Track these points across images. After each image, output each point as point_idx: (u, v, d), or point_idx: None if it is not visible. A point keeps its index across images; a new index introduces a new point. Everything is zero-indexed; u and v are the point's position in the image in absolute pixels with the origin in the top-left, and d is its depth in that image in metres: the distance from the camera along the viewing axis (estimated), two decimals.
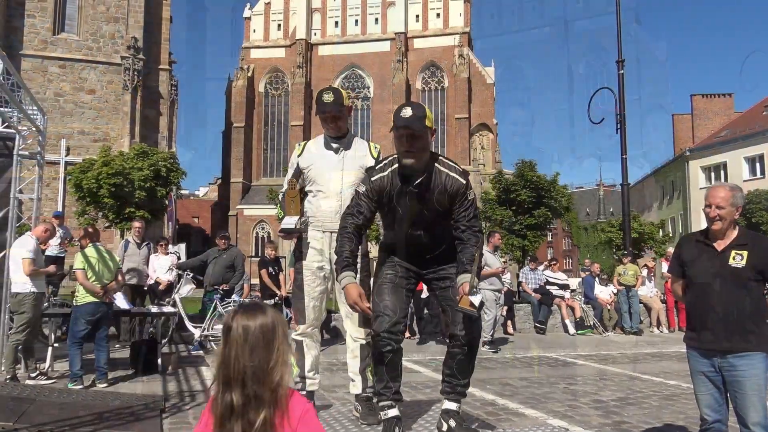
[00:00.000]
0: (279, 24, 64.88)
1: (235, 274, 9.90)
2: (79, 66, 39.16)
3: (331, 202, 3.90)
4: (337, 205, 3.89)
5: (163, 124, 41.61)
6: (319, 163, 3.98)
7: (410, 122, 3.27)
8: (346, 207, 3.68)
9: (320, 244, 3.96)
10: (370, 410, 3.79)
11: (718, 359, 3.40)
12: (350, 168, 3.94)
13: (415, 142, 3.30)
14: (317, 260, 3.97)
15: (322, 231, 3.97)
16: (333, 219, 3.89)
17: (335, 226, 3.85)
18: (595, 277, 14.35)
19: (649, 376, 7.96)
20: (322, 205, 3.93)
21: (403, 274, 3.58)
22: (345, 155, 3.98)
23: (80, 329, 6.93)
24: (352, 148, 4.04)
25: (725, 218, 3.43)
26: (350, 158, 3.98)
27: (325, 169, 3.95)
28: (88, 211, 22.04)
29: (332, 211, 3.90)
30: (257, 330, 1.80)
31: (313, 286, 3.97)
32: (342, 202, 3.88)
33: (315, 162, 3.99)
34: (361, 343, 3.93)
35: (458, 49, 60.42)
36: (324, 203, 3.92)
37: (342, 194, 3.89)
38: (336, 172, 3.92)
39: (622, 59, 15.20)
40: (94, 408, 5.56)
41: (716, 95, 51.95)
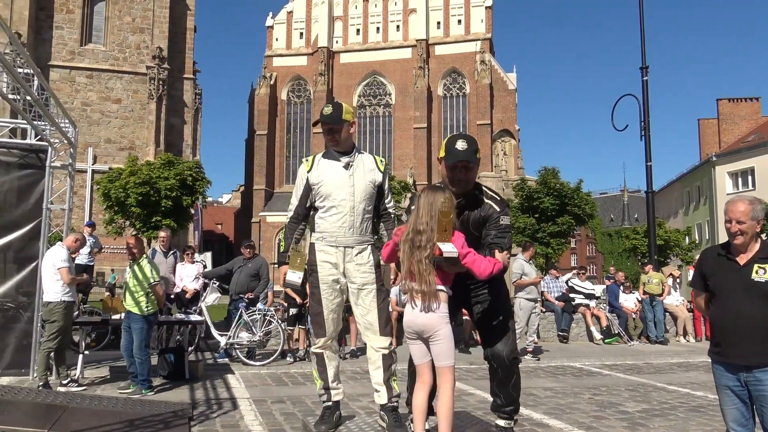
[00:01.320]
0: (301, 32, 65.43)
1: (260, 282, 10.01)
2: (105, 76, 39.95)
3: (344, 217, 3.98)
4: (350, 220, 3.97)
5: (188, 133, 42.21)
6: (329, 179, 4.04)
7: (467, 156, 3.51)
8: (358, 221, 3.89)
9: (334, 258, 4.03)
10: (396, 420, 3.84)
11: (743, 374, 3.39)
12: (360, 183, 4.02)
13: (469, 173, 3.56)
14: (332, 274, 4.04)
15: (336, 246, 4.03)
16: (346, 234, 3.97)
17: (349, 241, 3.94)
18: (619, 285, 14.23)
19: (676, 386, 7.89)
20: (335, 221, 4.00)
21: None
22: (354, 170, 4.05)
23: (149, 337, 7.30)
24: (360, 163, 4.10)
25: (747, 232, 3.42)
26: (360, 173, 4.05)
27: (336, 186, 4.01)
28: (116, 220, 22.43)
29: (346, 225, 3.98)
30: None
31: (331, 299, 4.05)
32: (354, 218, 3.97)
33: (325, 178, 4.05)
34: (383, 354, 3.98)
35: (480, 55, 60.36)
36: (337, 218, 4.00)
37: (354, 209, 3.97)
38: (347, 188, 4.00)
39: (646, 65, 15.10)
40: (125, 415, 5.67)
41: (743, 99, 51.14)
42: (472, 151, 3.52)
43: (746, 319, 3.37)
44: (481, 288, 3.71)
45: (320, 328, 4.07)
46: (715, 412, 6.27)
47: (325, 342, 4.05)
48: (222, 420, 5.81)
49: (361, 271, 3.97)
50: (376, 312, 3.97)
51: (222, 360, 9.52)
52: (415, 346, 3.35)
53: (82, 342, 7.99)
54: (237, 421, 5.77)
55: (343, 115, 4.04)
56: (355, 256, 3.97)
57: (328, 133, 4.06)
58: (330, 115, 4.03)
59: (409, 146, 60.57)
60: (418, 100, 60.85)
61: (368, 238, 4.05)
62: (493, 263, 3.36)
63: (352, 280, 3.99)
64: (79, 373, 7.59)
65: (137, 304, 7.07)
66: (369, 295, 3.98)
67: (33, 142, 8.22)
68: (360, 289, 3.98)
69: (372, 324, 3.96)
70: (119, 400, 6.49)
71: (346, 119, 4.06)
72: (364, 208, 4.00)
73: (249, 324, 9.35)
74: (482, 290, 3.71)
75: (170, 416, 5.69)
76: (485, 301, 3.70)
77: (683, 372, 9.33)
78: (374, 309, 3.97)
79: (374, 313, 3.96)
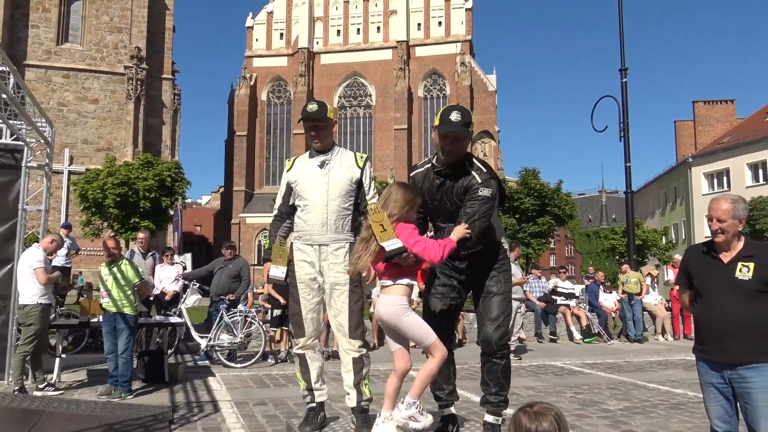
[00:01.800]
0: (281, 33, 65.19)
1: (241, 284, 9.92)
2: (82, 76, 39.39)
3: (318, 215, 3.95)
4: (323, 217, 3.94)
5: (166, 133, 41.78)
6: (304, 177, 4.04)
7: (458, 128, 3.52)
8: (332, 218, 3.90)
9: (310, 257, 4.00)
10: (364, 422, 3.83)
11: (728, 371, 3.40)
12: (336, 181, 3.99)
13: (459, 144, 3.57)
14: (309, 273, 4.00)
15: (311, 244, 4.00)
16: (320, 231, 3.94)
17: (323, 239, 3.92)
18: (599, 284, 14.34)
19: (656, 384, 7.96)
20: (310, 219, 3.98)
21: (448, 282, 3.73)
22: (330, 168, 4.02)
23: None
24: (338, 161, 4.08)
25: (727, 231, 3.44)
26: (336, 171, 4.02)
27: (310, 183, 4.01)
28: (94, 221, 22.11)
29: (319, 223, 3.95)
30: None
31: (309, 298, 4.01)
32: (328, 215, 3.94)
33: (301, 177, 4.06)
34: (353, 357, 3.94)
35: (460, 57, 60.61)
36: (311, 216, 3.97)
37: (327, 207, 3.95)
38: (321, 185, 3.98)
39: (625, 67, 15.25)
40: (103, 419, 5.58)
41: (718, 101, 52.01)
42: (463, 124, 3.52)
43: (730, 317, 3.39)
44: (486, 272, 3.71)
45: (299, 328, 4.04)
46: (695, 409, 6.34)
47: (306, 342, 4.00)
48: (203, 423, 5.73)
49: (335, 270, 3.92)
50: (347, 314, 3.92)
51: (202, 362, 9.42)
52: (389, 335, 3.40)
53: (59, 345, 7.83)
54: (219, 424, 5.70)
55: (327, 113, 4.01)
56: (330, 254, 3.93)
57: (312, 130, 4.02)
58: (316, 112, 4.01)
59: (390, 147, 60.62)
60: (399, 101, 60.93)
61: (345, 236, 3.98)
62: (443, 246, 3.26)
63: (326, 279, 3.96)
64: (55, 377, 7.44)
65: (130, 304, 7.03)
66: (341, 296, 3.93)
67: (8, 142, 8.05)
68: (332, 289, 3.94)
69: (342, 326, 3.93)
70: (97, 404, 6.38)
71: (329, 117, 4.03)
72: (339, 205, 3.95)
73: (230, 326, 9.26)
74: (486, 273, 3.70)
75: (150, 420, 5.61)
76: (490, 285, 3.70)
77: (663, 370, 9.42)
78: (345, 311, 3.92)
79: (345, 314, 3.92)
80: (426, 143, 62.16)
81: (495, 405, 3.66)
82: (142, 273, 7.38)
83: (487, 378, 3.65)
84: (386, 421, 3.25)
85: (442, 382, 3.65)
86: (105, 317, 7.15)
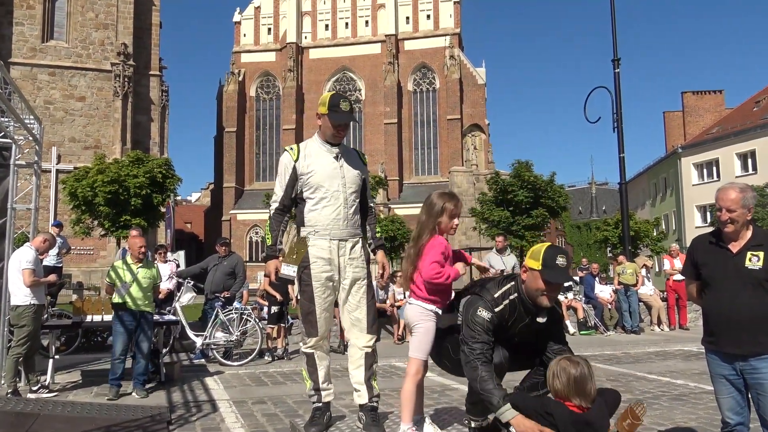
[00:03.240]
0: (269, 28, 64.83)
1: (236, 281, 9.81)
2: (68, 73, 38.96)
3: (337, 208, 3.83)
4: (344, 212, 3.83)
5: (155, 130, 41.43)
6: (320, 169, 3.85)
7: (565, 278, 3.43)
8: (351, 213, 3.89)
9: (328, 253, 3.84)
10: (373, 420, 3.73)
11: (739, 362, 3.36)
12: (350, 176, 3.89)
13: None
14: (326, 271, 3.85)
15: (329, 239, 3.85)
16: (340, 226, 3.82)
17: (342, 234, 3.81)
18: (595, 276, 14.33)
19: (656, 375, 7.93)
20: (328, 213, 3.83)
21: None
22: (344, 162, 3.91)
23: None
24: (348, 155, 3.99)
25: (737, 220, 3.37)
26: (348, 166, 3.92)
27: (328, 176, 3.84)
28: (84, 220, 21.88)
29: (339, 217, 3.83)
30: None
31: (324, 297, 3.87)
32: (347, 209, 3.84)
33: (315, 168, 3.85)
34: (366, 352, 3.85)
35: (449, 50, 60.54)
36: (329, 210, 3.83)
37: (347, 201, 3.84)
38: (339, 178, 3.85)
39: (617, 58, 15.22)
40: (100, 421, 5.47)
41: (707, 92, 52.28)
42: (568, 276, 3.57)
43: (740, 307, 3.34)
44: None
45: (312, 328, 3.90)
46: (697, 400, 6.31)
47: (317, 342, 3.90)
48: (202, 423, 5.64)
49: (354, 266, 3.84)
50: (365, 308, 3.85)
51: (198, 361, 9.32)
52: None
53: (51, 346, 7.70)
54: (218, 423, 5.61)
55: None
56: (349, 250, 3.84)
57: (343, 130, 3.90)
58: (350, 112, 3.90)
59: (380, 141, 60.49)
60: (388, 95, 60.80)
61: (359, 231, 3.92)
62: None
63: (345, 275, 3.85)
64: (49, 378, 7.32)
65: (150, 303, 7.22)
66: (360, 291, 3.85)
67: None
68: (352, 285, 3.85)
69: (360, 320, 3.84)
70: (93, 405, 6.26)
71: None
72: (354, 199, 3.88)
73: (225, 323, 9.15)
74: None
75: (148, 421, 5.50)
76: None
77: (661, 361, 9.41)
78: (363, 305, 3.85)
79: (363, 309, 3.84)
80: (416, 137, 62.12)
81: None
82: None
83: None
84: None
85: (479, 412, 3.58)
86: (122, 316, 6.98)
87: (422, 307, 3.43)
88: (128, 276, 7.01)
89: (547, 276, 3.28)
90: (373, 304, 3.93)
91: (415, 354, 3.38)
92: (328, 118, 3.84)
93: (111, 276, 7.10)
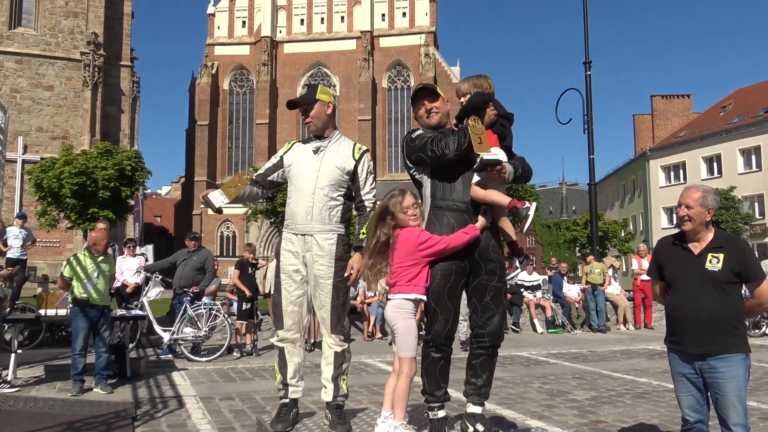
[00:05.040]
0: (244, 21, 64.23)
1: (205, 276, 9.71)
2: (36, 61, 38.05)
3: (304, 203, 3.84)
4: (309, 206, 3.82)
5: (125, 122, 40.72)
6: (297, 162, 3.93)
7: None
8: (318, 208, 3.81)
9: (295, 246, 3.87)
10: (339, 418, 3.75)
11: (698, 361, 3.44)
12: (326, 170, 3.86)
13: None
14: (293, 264, 3.87)
15: (295, 233, 3.88)
16: (305, 220, 3.83)
17: (307, 228, 3.81)
18: (563, 275, 14.52)
19: (620, 374, 8.08)
20: (296, 207, 3.86)
21: (457, 268, 3.43)
22: (324, 156, 3.90)
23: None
24: (334, 150, 3.94)
25: (694, 218, 3.46)
26: (329, 160, 3.89)
27: (301, 170, 3.89)
28: (50, 212, 21.42)
29: (304, 212, 3.83)
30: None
31: (290, 290, 3.87)
32: (314, 203, 3.82)
33: (294, 161, 3.95)
34: (335, 351, 3.86)
35: (424, 48, 60.66)
36: (298, 204, 3.86)
37: (314, 195, 3.82)
38: (311, 173, 3.85)
39: (589, 60, 15.43)
40: (64, 417, 5.38)
41: (675, 96, 53.26)
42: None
43: (700, 307, 3.42)
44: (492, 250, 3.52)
45: (278, 320, 3.92)
46: (660, 398, 6.45)
47: (285, 335, 3.89)
48: (168, 419, 5.58)
49: (319, 263, 3.81)
50: (329, 308, 3.82)
51: (165, 356, 9.21)
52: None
53: (14, 340, 7.53)
54: (184, 420, 5.56)
55: (317, 94, 3.91)
56: (315, 245, 3.81)
57: (303, 113, 3.97)
58: (304, 95, 3.94)
59: (353, 138, 58.59)
60: (363, 92, 60.73)
61: (333, 227, 3.86)
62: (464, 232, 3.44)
63: (309, 271, 3.85)
64: (11, 373, 7.16)
65: (106, 297, 7.08)
66: (325, 290, 3.82)
67: None
68: (316, 282, 3.84)
69: (324, 319, 3.84)
70: (56, 401, 6.16)
71: (320, 98, 3.92)
72: (327, 194, 3.82)
73: (194, 319, 9.06)
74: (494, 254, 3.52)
75: (112, 417, 5.43)
76: (493, 272, 3.51)
77: (626, 359, 9.58)
78: (327, 305, 3.82)
79: (327, 309, 3.82)
80: (390, 134, 62.14)
81: (485, 396, 3.62)
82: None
83: (482, 371, 3.54)
84: (386, 420, 3.35)
85: (441, 381, 3.47)
86: (86, 311, 6.77)
87: (402, 299, 3.34)
88: (91, 270, 6.86)
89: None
90: (338, 306, 3.85)
91: (405, 353, 3.33)
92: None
93: (69, 270, 6.84)
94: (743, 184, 37.58)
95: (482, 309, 3.49)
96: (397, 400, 3.34)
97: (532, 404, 6.18)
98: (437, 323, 3.41)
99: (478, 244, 3.43)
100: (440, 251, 3.34)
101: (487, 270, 3.48)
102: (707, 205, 3.47)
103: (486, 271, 3.48)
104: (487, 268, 3.48)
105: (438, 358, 3.45)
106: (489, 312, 3.48)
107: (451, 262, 3.40)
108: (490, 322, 3.48)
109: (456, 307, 3.47)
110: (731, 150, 41.01)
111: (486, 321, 3.48)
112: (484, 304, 3.49)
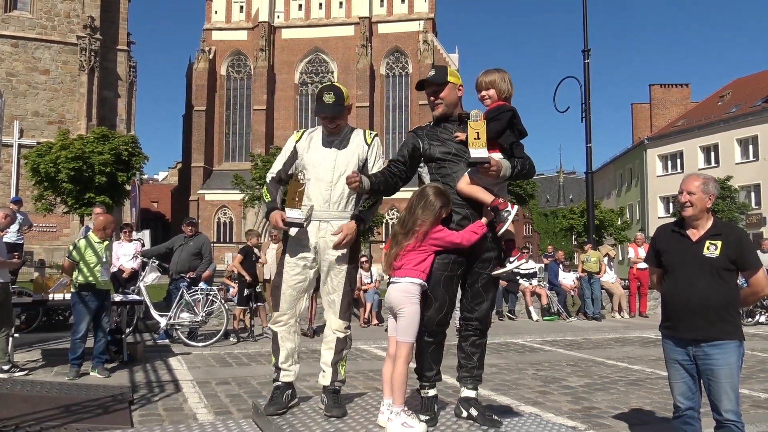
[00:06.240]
0: (241, 6, 63.75)
1: (202, 261, 9.72)
2: (32, 45, 37.79)
3: (323, 191, 3.83)
4: (328, 194, 3.83)
5: (122, 107, 40.55)
6: (313, 153, 3.92)
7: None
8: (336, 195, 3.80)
9: (307, 232, 3.85)
10: (335, 402, 3.77)
11: (692, 348, 3.47)
12: (342, 160, 3.88)
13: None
14: (300, 249, 3.86)
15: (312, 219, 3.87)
16: (323, 207, 3.82)
17: (324, 215, 3.80)
18: (559, 263, 14.58)
19: (614, 361, 8.13)
20: (312, 194, 3.84)
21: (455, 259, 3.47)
22: (340, 146, 3.92)
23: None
24: (348, 139, 3.97)
25: (695, 204, 3.49)
26: (347, 149, 3.93)
27: (319, 159, 3.88)
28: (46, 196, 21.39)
29: (322, 199, 3.83)
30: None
31: (292, 274, 3.88)
32: (332, 191, 3.82)
33: (309, 151, 3.94)
34: (338, 336, 3.88)
35: (422, 35, 60.32)
36: (315, 192, 3.84)
37: (333, 184, 3.83)
38: (329, 162, 3.86)
39: (587, 48, 15.38)
40: (60, 401, 5.41)
41: (674, 85, 53.17)
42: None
43: (697, 293, 3.45)
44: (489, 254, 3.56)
45: (276, 302, 3.95)
46: (653, 385, 6.51)
47: (279, 317, 3.92)
48: (164, 403, 5.62)
49: (334, 249, 3.83)
50: (341, 293, 3.84)
51: (162, 341, 9.25)
52: (390, 320, 3.54)
53: None
54: (180, 403, 5.59)
55: (345, 102, 3.88)
56: (330, 232, 3.81)
57: (330, 122, 3.89)
58: (334, 104, 3.84)
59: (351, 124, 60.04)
60: (361, 78, 60.44)
61: (348, 214, 3.86)
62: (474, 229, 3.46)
63: (324, 257, 3.85)
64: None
65: (109, 282, 7.22)
66: (339, 275, 3.84)
67: None
68: (330, 267, 3.85)
69: (335, 303, 3.86)
70: (53, 384, 6.19)
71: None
72: (343, 182, 3.78)
73: (191, 304, 9.08)
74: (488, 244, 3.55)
75: (109, 400, 5.47)
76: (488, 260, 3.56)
77: (620, 347, 9.65)
78: (340, 290, 3.84)
79: (339, 293, 3.84)
80: (388, 121, 61.98)
81: (478, 380, 3.67)
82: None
83: (471, 353, 3.63)
84: (390, 408, 3.36)
85: (432, 363, 3.54)
86: (89, 296, 6.77)
87: (410, 283, 3.36)
88: (99, 254, 6.88)
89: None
90: (349, 292, 3.89)
91: (404, 338, 3.36)
92: (316, 113, 3.91)
93: (74, 255, 6.84)
94: (740, 173, 37.66)
95: (473, 295, 3.58)
96: (395, 385, 3.36)
97: (527, 390, 6.23)
98: (430, 309, 3.45)
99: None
100: (451, 245, 3.40)
101: (482, 259, 3.54)
102: (708, 191, 3.51)
103: (481, 260, 3.54)
104: (482, 257, 3.54)
105: (430, 342, 3.51)
106: (479, 298, 3.57)
107: (450, 252, 3.45)
108: (479, 307, 3.58)
109: (451, 296, 3.51)
110: (729, 139, 41.04)
111: (475, 306, 3.58)
112: (475, 290, 3.57)
